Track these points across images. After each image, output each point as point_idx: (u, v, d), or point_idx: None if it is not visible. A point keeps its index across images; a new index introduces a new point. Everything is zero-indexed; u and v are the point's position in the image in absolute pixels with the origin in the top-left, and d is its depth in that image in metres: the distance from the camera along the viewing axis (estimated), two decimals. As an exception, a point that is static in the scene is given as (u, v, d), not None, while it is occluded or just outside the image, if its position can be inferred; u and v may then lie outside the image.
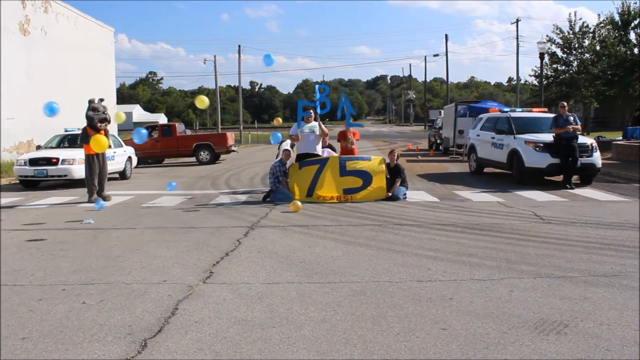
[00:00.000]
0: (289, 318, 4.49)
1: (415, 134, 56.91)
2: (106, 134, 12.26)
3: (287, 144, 12.58)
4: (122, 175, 17.68)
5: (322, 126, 12.06)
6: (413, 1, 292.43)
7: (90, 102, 12.25)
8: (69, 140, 17.30)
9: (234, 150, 26.89)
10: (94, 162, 12.04)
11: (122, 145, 18.39)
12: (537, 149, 13.34)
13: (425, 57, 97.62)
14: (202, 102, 11.28)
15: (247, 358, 3.76)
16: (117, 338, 4.12)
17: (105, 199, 11.85)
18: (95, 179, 12.06)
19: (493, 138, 15.37)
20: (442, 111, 33.38)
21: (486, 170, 16.77)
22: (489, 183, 14.35)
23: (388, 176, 11.63)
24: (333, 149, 13.18)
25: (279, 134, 13.32)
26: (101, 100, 12.46)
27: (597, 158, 13.54)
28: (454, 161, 22.24)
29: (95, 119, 11.96)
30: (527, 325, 4.24)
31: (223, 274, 5.92)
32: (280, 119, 13.34)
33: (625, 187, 13.22)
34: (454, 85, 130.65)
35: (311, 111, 12.06)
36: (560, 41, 36.42)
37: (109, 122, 12.36)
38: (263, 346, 3.93)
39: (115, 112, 12.95)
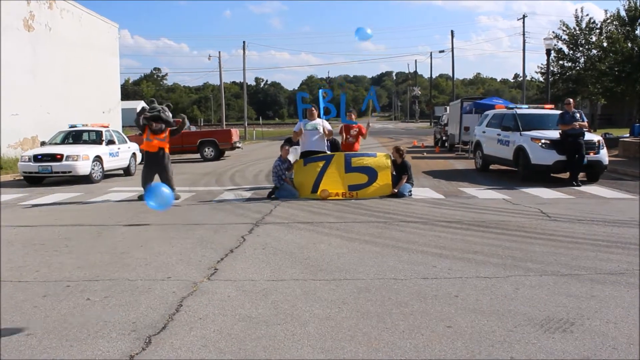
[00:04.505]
0: (293, 315, 4.49)
1: (421, 131, 56.77)
2: (172, 132, 11.83)
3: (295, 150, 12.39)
4: (127, 171, 17.75)
5: (327, 125, 12.01)
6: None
7: (152, 101, 11.81)
8: (73, 137, 17.34)
9: (238, 147, 26.88)
10: (152, 159, 11.52)
11: (126, 142, 18.45)
12: (543, 146, 13.30)
13: (431, 53, 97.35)
14: None
15: (251, 355, 3.76)
16: (121, 335, 4.13)
17: (176, 197, 11.17)
18: (152, 177, 11.46)
19: (499, 135, 15.32)
20: (448, 108, 33.34)
21: (492, 167, 16.73)
22: (494, 180, 14.31)
23: (394, 173, 11.60)
24: (336, 143, 13.13)
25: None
26: (153, 101, 11.96)
27: (603, 155, 13.48)
28: (459, 158, 22.19)
29: (149, 115, 11.37)
30: (533, 323, 4.23)
31: (227, 270, 5.93)
32: None
33: (632, 184, 13.15)
34: (459, 81, 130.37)
35: (312, 109, 12.00)
36: (566, 37, 36.28)
37: (164, 121, 11.54)
38: (267, 343, 3.94)
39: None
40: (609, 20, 34.18)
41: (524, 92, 48.23)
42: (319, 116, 12.09)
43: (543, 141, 13.36)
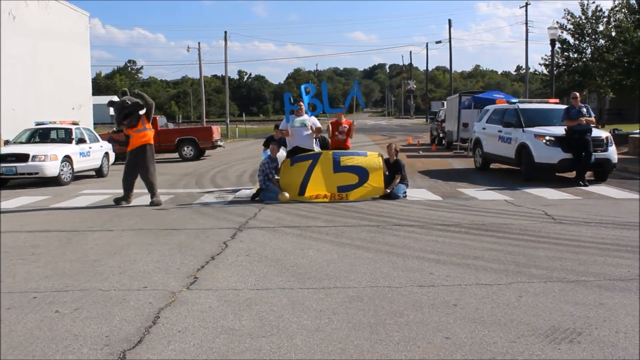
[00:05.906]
0: (279, 327, 4.49)
1: (416, 127, 56.95)
2: (153, 123, 11.81)
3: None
4: (99, 172, 17.65)
5: (316, 122, 12.01)
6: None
7: (117, 99, 11.54)
8: (40, 135, 17.23)
9: (220, 146, 26.83)
10: (131, 160, 11.39)
11: (98, 140, 18.35)
12: (548, 143, 13.37)
13: (427, 44, 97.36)
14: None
15: (234, 370, 3.75)
16: (93, 350, 4.10)
17: (154, 203, 11.18)
18: (132, 179, 11.46)
19: (500, 131, 15.39)
20: (445, 102, 33.44)
21: (493, 166, 16.83)
22: (495, 180, 14.38)
23: (386, 172, 11.61)
24: (326, 141, 13.11)
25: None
26: (124, 93, 11.72)
27: (612, 152, 13.58)
28: (457, 157, 22.28)
29: (120, 116, 11.23)
30: (537, 333, 4.26)
31: (208, 279, 5.91)
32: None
33: (643, 184, 13.26)
34: (457, 74, 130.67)
35: (301, 103, 12.01)
36: (572, 27, 36.54)
37: (131, 106, 11.27)
38: (252, 357, 3.93)
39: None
40: (617, 8, 34.50)
41: (527, 86, 48.51)
42: (306, 113, 12.11)
43: (547, 138, 13.43)
